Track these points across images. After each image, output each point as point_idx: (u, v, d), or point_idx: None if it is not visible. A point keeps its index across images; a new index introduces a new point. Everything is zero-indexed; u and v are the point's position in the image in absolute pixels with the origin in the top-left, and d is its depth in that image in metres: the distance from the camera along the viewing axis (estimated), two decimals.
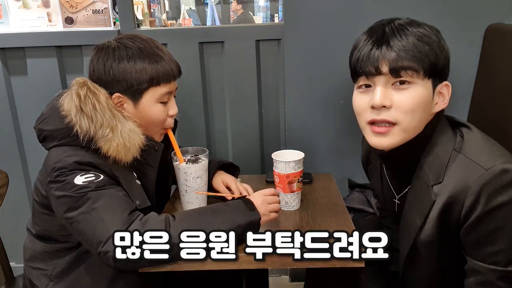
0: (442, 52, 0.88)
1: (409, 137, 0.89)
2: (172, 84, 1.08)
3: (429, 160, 0.88)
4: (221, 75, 1.72)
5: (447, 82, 0.91)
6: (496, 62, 1.39)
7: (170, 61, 1.07)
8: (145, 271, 0.94)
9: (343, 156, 1.63)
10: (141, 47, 1.04)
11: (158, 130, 1.11)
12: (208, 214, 0.98)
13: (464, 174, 0.81)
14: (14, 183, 1.40)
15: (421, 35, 0.87)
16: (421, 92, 0.86)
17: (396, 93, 0.87)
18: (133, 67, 1.01)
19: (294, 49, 1.54)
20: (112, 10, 1.68)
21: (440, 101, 0.90)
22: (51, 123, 1.02)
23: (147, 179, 1.10)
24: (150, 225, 0.92)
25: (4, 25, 1.70)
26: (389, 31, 0.88)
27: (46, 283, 1.07)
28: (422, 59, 0.85)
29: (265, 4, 6.43)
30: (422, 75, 0.86)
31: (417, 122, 0.87)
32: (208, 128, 1.78)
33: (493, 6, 1.45)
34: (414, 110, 0.86)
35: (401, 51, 0.85)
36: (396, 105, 0.87)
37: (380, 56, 0.86)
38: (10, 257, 1.33)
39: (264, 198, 1.04)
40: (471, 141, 0.87)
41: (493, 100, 1.37)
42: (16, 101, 1.75)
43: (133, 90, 1.03)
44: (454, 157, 0.85)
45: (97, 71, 1.04)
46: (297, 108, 1.60)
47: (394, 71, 0.86)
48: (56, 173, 0.96)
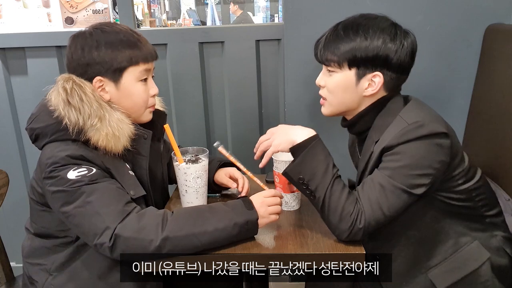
0: (368, 47, 1.01)
1: (338, 110, 1.12)
2: (150, 64, 1.10)
3: (378, 124, 1.08)
4: (221, 75, 1.72)
5: (379, 73, 1.03)
6: (496, 62, 1.39)
7: (146, 43, 1.09)
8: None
9: (343, 156, 1.63)
10: (118, 30, 1.05)
11: (144, 110, 1.12)
12: (206, 211, 0.99)
13: (395, 128, 1.01)
14: (14, 183, 1.40)
15: (349, 32, 1.03)
16: (340, 78, 1.06)
17: (327, 77, 1.10)
18: (112, 48, 1.03)
19: (294, 49, 1.54)
20: (112, 10, 1.69)
21: (369, 88, 1.05)
22: (41, 121, 1.03)
23: (140, 168, 1.11)
24: (147, 218, 0.94)
25: (4, 25, 1.70)
26: (334, 27, 1.08)
27: (45, 277, 1.08)
28: (340, 54, 1.03)
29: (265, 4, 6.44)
30: (342, 65, 1.05)
31: (339, 100, 1.09)
32: (208, 128, 1.78)
33: (493, 6, 1.45)
34: (334, 91, 1.08)
35: (326, 45, 1.06)
36: (326, 86, 1.10)
37: (318, 47, 1.09)
38: (10, 257, 1.33)
39: (264, 200, 1.03)
40: (409, 107, 1.05)
41: (493, 100, 1.37)
42: (16, 101, 1.75)
43: (112, 70, 1.03)
44: (395, 119, 1.03)
45: (75, 56, 1.04)
46: (297, 108, 1.60)
47: (322, 61, 1.09)
48: (50, 169, 0.97)
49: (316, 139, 1.03)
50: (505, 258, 1.08)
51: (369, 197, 0.97)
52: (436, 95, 1.52)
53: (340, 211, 0.97)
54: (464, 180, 1.05)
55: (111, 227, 0.92)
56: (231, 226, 0.96)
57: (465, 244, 1.07)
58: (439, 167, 0.99)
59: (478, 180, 1.08)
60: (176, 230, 0.93)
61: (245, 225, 0.97)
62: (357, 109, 1.10)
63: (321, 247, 0.98)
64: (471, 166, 1.09)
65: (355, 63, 1.04)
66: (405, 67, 1.06)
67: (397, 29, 1.04)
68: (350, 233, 0.97)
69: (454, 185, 1.04)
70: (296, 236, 1.03)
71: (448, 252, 1.07)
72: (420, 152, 0.97)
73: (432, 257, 1.07)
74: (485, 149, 1.34)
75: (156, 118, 1.19)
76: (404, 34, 1.04)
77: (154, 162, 1.20)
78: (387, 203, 0.97)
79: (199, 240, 0.94)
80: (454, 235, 1.07)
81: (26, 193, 1.82)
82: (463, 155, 1.07)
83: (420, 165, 0.97)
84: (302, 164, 1.00)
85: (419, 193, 0.98)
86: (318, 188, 0.99)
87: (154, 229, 0.92)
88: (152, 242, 0.91)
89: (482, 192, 1.08)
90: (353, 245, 0.98)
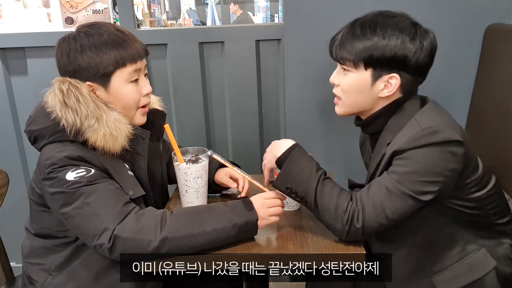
0: (385, 47, 0.98)
1: (352, 111, 1.10)
2: (138, 63, 1.06)
3: (391, 125, 1.05)
4: (221, 75, 1.72)
5: (396, 74, 1.00)
6: (496, 62, 1.39)
7: (133, 41, 1.06)
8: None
9: (343, 156, 1.63)
10: (102, 32, 1.03)
11: (134, 113, 1.10)
12: (205, 212, 0.99)
13: (408, 131, 0.98)
14: (14, 183, 1.40)
15: (366, 31, 1.00)
16: (355, 78, 1.03)
17: (341, 76, 1.06)
18: (96, 52, 1.01)
19: (294, 49, 1.54)
20: (112, 10, 1.69)
21: (385, 90, 1.02)
22: (39, 123, 1.03)
23: (139, 168, 1.11)
24: (146, 218, 0.94)
25: (4, 25, 1.70)
26: (350, 24, 1.04)
27: (45, 277, 1.09)
28: (356, 53, 1.00)
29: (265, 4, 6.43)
30: (357, 65, 1.02)
31: (353, 101, 1.06)
32: (208, 128, 1.78)
33: (493, 6, 1.45)
34: (348, 91, 1.05)
35: (342, 43, 1.03)
36: (340, 84, 1.07)
37: (333, 45, 1.06)
38: (10, 257, 1.33)
39: (265, 201, 1.03)
40: (425, 110, 1.02)
41: (493, 100, 1.37)
42: (16, 101, 1.75)
43: (100, 75, 1.02)
44: (410, 122, 1.01)
45: (62, 62, 1.04)
46: (297, 108, 1.60)
47: (337, 59, 1.06)
48: (48, 170, 0.97)
49: (295, 147, 1.04)
50: (511, 267, 1.06)
51: (373, 200, 0.96)
52: (436, 95, 1.51)
53: (334, 210, 0.97)
54: (477, 188, 1.03)
55: (110, 228, 0.92)
56: (230, 227, 0.96)
57: (472, 252, 1.05)
58: (450, 175, 0.96)
59: (491, 188, 1.05)
60: (175, 230, 0.93)
61: (244, 226, 0.97)
62: (372, 110, 1.08)
63: (321, 247, 0.98)
64: (485, 173, 1.06)
65: (371, 64, 1.00)
66: (424, 69, 1.03)
67: (417, 28, 1.01)
68: (348, 232, 0.96)
69: (466, 193, 1.02)
70: (296, 236, 1.03)
71: (454, 259, 1.05)
72: (431, 159, 0.94)
73: (438, 262, 1.06)
74: (485, 149, 1.34)
75: (155, 117, 1.19)
76: (424, 34, 1.01)
77: (154, 162, 1.20)
78: (392, 207, 0.95)
79: (198, 241, 0.94)
80: (462, 242, 1.05)
81: (26, 193, 1.81)
82: (477, 163, 1.05)
83: (430, 172, 0.94)
84: (286, 175, 1.01)
85: (426, 200, 0.96)
86: (307, 194, 0.99)
87: (153, 230, 0.92)
88: (151, 242, 0.91)
89: (494, 200, 1.06)
90: (353, 245, 0.98)
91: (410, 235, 1.07)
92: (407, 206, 0.96)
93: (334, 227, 0.98)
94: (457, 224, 1.05)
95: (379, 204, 0.95)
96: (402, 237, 1.08)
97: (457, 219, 1.04)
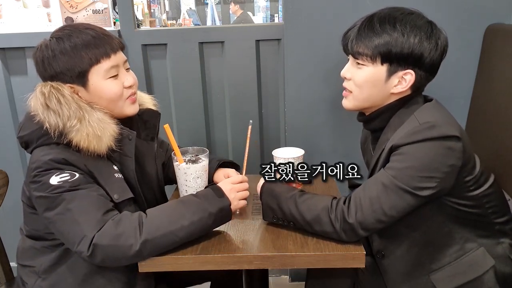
0: (404, 43, 0.99)
1: (362, 105, 1.09)
2: (113, 58, 1.05)
3: (394, 122, 1.06)
4: (221, 75, 1.72)
5: (411, 71, 1.01)
6: (496, 62, 1.39)
7: (105, 36, 1.05)
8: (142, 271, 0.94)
9: (343, 156, 1.63)
10: (72, 34, 1.03)
11: (121, 104, 1.09)
12: (179, 206, 1.00)
13: (406, 127, 0.99)
14: (14, 183, 1.39)
15: (385, 26, 1.00)
16: (370, 73, 1.03)
17: (355, 69, 1.06)
18: (69, 55, 1.01)
19: (294, 49, 1.54)
20: (112, 10, 1.68)
21: (399, 85, 1.03)
22: (27, 128, 1.04)
23: (127, 169, 1.10)
24: (124, 224, 0.94)
25: (4, 25, 1.70)
26: (368, 18, 1.03)
27: (34, 280, 1.09)
28: (374, 47, 1.00)
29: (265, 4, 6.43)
30: (374, 60, 1.02)
31: (366, 95, 1.06)
32: (208, 128, 1.78)
33: (493, 6, 1.45)
34: (362, 85, 1.05)
35: (359, 37, 1.02)
36: (353, 78, 1.07)
37: (348, 38, 1.05)
38: (10, 257, 1.33)
39: (233, 186, 1.06)
40: (425, 107, 1.04)
41: (493, 100, 1.37)
42: (16, 101, 1.75)
43: (75, 76, 1.03)
44: (409, 118, 1.02)
45: (39, 71, 1.05)
46: (297, 108, 1.60)
47: (352, 53, 1.05)
48: (34, 173, 0.98)
49: (264, 186, 1.08)
50: (509, 266, 1.07)
51: (370, 196, 0.96)
52: (436, 95, 1.52)
53: (319, 216, 0.98)
54: (475, 186, 1.03)
55: (89, 236, 0.92)
56: (206, 217, 0.98)
57: (470, 250, 1.05)
58: (448, 171, 0.96)
59: (489, 186, 1.05)
60: (154, 231, 0.94)
61: (219, 213, 1.00)
62: (379, 106, 1.08)
63: (321, 247, 0.98)
64: (483, 172, 1.06)
65: (388, 59, 1.00)
66: (436, 67, 1.04)
67: (433, 27, 1.02)
68: (343, 230, 0.96)
69: (463, 190, 1.02)
70: (296, 236, 1.03)
71: (453, 257, 1.05)
72: (428, 154, 0.95)
73: (436, 260, 1.06)
74: (485, 148, 1.34)
75: (149, 117, 1.19)
76: (439, 33, 1.02)
77: (147, 163, 1.19)
78: (389, 202, 0.95)
79: (177, 236, 0.96)
80: (460, 241, 1.05)
81: None
82: (475, 161, 1.05)
83: (427, 167, 0.94)
84: (267, 209, 1.06)
85: (424, 195, 0.95)
86: (292, 216, 1.02)
87: (133, 234, 0.93)
88: (132, 246, 0.92)
89: (493, 198, 1.06)
90: (353, 245, 0.98)
91: (409, 233, 1.07)
92: (404, 201, 0.96)
93: (327, 231, 0.98)
94: (456, 222, 1.05)
95: (376, 200, 0.96)
96: (401, 234, 1.09)
97: (455, 217, 1.04)
